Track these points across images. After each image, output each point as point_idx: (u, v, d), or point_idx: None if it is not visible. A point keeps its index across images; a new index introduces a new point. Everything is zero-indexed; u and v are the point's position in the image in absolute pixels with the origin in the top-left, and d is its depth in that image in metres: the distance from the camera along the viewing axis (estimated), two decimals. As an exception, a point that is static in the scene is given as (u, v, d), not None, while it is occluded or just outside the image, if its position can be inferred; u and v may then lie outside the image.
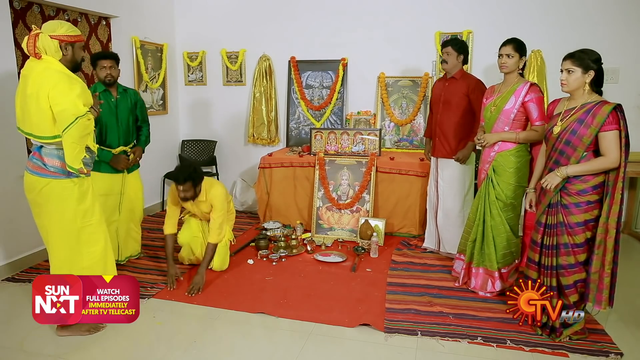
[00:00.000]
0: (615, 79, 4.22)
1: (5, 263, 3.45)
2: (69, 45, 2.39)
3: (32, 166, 2.45)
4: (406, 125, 4.83)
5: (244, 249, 3.97)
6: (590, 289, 2.47)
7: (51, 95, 2.29)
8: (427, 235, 3.93)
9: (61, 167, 2.43)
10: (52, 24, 2.37)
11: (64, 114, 2.29)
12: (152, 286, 3.23)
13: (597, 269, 2.44)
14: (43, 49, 2.32)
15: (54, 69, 2.34)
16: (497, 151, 3.00)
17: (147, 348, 2.60)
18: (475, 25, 4.56)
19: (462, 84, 3.47)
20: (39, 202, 2.48)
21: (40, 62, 2.34)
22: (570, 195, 2.46)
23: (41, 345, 2.58)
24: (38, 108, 2.31)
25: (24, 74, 2.38)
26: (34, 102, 2.31)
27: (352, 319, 2.80)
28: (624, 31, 4.24)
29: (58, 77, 2.32)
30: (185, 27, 5.39)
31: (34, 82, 2.31)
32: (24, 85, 2.36)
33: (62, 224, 2.48)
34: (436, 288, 3.21)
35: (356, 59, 4.96)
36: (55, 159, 2.42)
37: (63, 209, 2.47)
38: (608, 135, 2.34)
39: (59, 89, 2.29)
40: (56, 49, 2.34)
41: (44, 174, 2.43)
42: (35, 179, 2.44)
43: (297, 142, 5.14)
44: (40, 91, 2.29)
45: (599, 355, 2.43)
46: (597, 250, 2.42)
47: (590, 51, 2.42)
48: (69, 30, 2.38)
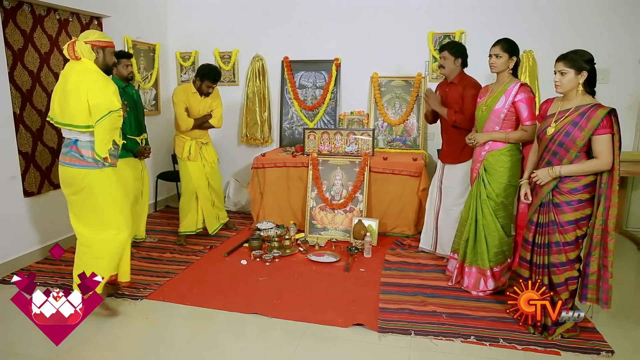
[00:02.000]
0: (606, 79, 4.25)
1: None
2: (99, 49, 2.75)
3: (70, 159, 2.74)
4: (399, 125, 4.84)
5: (237, 250, 3.97)
6: (589, 289, 2.49)
7: (90, 90, 2.63)
8: (424, 236, 3.89)
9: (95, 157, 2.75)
10: (86, 33, 2.78)
11: (99, 107, 2.63)
12: (144, 287, 3.22)
13: (594, 269, 2.46)
14: (80, 52, 2.70)
15: (92, 69, 2.71)
16: (487, 150, 3.02)
17: (140, 349, 2.59)
18: (467, 26, 4.58)
19: (460, 89, 3.39)
20: (81, 192, 2.76)
21: (79, 63, 2.72)
22: (562, 194, 2.48)
23: (32, 348, 2.56)
24: (77, 101, 2.64)
25: (64, 73, 2.72)
26: (74, 96, 2.64)
27: (346, 319, 2.80)
28: (615, 31, 4.27)
29: (95, 76, 2.69)
30: (178, 27, 5.37)
31: (74, 79, 2.66)
32: (64, 83, 2.69)
33: (107, 206, 2.80)
34: (430, 288, 3.22)
35: (349, 59, 4.97)
36: (90, 150, 2.72)
37: (107, 192, 2.79)
38: (601, 139, 2.36)
39: (96, 86, 2.66)
40: (89, 51, 2.71)
41: (82, 165, 2.72)
42: (75, 171, 2.73)
43: (290, 142, 5.14)
44: (81, 87, 2.63)
45: (591, 353, 2.45)
46: (594, 251, 2.45)
47: (582, 52, 2.43)
48: (100, 37, 2.77)
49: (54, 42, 3.84)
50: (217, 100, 4.11)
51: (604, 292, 2.46)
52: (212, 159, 4.20)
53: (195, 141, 4.04)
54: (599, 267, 2.46)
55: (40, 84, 3.71)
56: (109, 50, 2.80)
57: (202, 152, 4.10)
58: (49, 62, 3.79)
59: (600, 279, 2.46)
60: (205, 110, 4.07)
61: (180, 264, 3.65)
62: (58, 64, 3.87)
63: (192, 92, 3.97)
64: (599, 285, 2.47)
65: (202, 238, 4.22)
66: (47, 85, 3.77)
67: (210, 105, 4.08)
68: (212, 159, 4.19)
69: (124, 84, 3.64)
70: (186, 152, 4.01)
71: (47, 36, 3.77)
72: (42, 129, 3.73)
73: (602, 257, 2.44)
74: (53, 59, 3.83)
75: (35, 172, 3.68)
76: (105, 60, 2.78)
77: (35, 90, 3.67)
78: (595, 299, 2.49)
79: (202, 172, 4.10)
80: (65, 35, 3.94)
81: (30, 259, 3.64)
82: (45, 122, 3.73)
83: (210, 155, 4.18)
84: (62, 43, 3.91)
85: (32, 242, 3.70)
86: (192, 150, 4.01)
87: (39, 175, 3.70)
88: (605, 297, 2.47)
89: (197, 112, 4.02)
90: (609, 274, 2.44)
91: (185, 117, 3.94)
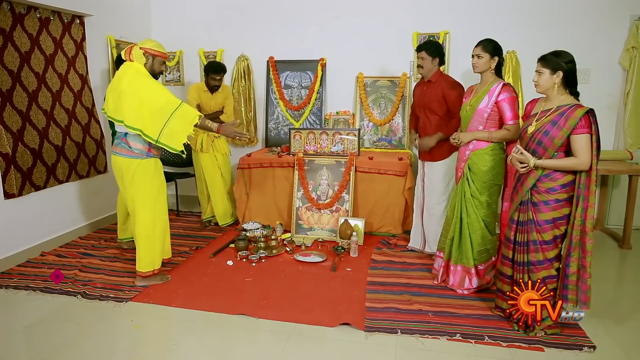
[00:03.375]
0: (586, 80, 4.32)
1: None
2: (150, 56, 3.11)
3: (120, 150, 3.13)
4: (385, 125, 4.86)
5: (223, 250, 3.95)
6: (569, 290, 2.52)
7: (146, 97, 2.97)
8: (413, 235, 3.93)
9: (142, 149, 3.11)
10: (144, 40, 3.15)
11: (164, 109, 2.98)
12: (129, 289, 3.18)
13: (574, 270, 2.50)
14: (134, 56, 3.07)
15: (143, 74, 3.05)
16: (471, 150, 3.05)
17: (125, 352, 2.56)
18: (452, 26, 4.62)
19: (438, 88, 3.46)
20: (126, 179, 3.14)
21: (131, 66, 3.06)
22: (540, 193, 2.52)
23: (15, 353, 2.51)
24: (130, 104, 2.96)
25: (119, 75, 3.06)
26: (128, 98, 2.96)
27: (333, 318, 2.81)
28: (595, 33, 4.36)
29: (149, 82, 3.03)
30: (162, 27, 5.31)
31: (129, 82, 2.98)
32: (118, 83, 3.02)
33: (144, 195, 3.15)
34: (416, 286, 3.25)
35: (335, 59, 4.97)
36: (137, 143, 3.09)
37: (144, 182, 3.15)
38: (579, 139, 2.40)
39: (151, 89, 3.01)
40: (140, 55, 3.07)
41: (130, 155, 3.11)
42: (123, 160, 3.12)
43: (276, 142, 5.12)
44: (137, 92, 2.96)
45: (573, 349, 2.50)
46: (573, 252, 2.48)
47: (562, 53, 2.48)
48: (154, 46, 3.12)
49: (35, 41, 3.78)
50: (229, 98, 4.50)
51: (582, 293, 2.49)
52: (224, 150, 4.53)
53: (207, 134, 4.35)
54: (578, 268, 2.50)
55: (20, 84, 3.64)
56: (159, 60, 3.15)
57: (214, 145, 4.43)
58: (29, 61, 3.73)
59: (579, 280, 2.50)
60: (217, 107, 4.43)
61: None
62: (39, 64, 3.81)
63: (203, 90, 4.39)
64: (578, 286, 2.50)
65: (187, 239, 4.21)
66: (28, 85, 3.70)
67: (222, 102, 4.45)
68: (223, 151, 4.52)
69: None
70: (199, 145, 4.37)
71: (27, 35, 3.71)
72: (22, 130, 3.66)
73: (581, 257, 2.48)
74: (34, 59, 3.76)
75: (16, 174, 3.61)
76: (153, 67, 3.14)
77: (16, 90, 3.61)
78: (575, 300, 2.52)
79: (214, 163, 4.45)
80: (47, 34, 3.88)
81: (12, 262, 3.57)
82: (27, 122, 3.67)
83: (222, 148, 4.51)
84: (42, 42, 3.85)
85: (13, 245, 3.63)
86: (204, 143, 4.36)
87: (20, 177, 3.63)
88: (584, 298, 2.49)
89: (209, 108, 4.39)
90: (587, 274, 2.47)
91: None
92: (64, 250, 3.92)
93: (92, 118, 4.40)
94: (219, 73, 4.32)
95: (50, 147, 3.92)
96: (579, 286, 2.50)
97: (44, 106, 3.87)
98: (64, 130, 4.06)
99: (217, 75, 4.30)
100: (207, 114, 4.30)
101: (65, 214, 4.17)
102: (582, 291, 2.49)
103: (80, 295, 3.10)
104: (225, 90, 4.48)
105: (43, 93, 3.87)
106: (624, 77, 4.40)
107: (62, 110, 4.05)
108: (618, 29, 4.33)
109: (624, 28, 4.32)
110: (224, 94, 4.45)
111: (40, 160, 3.82)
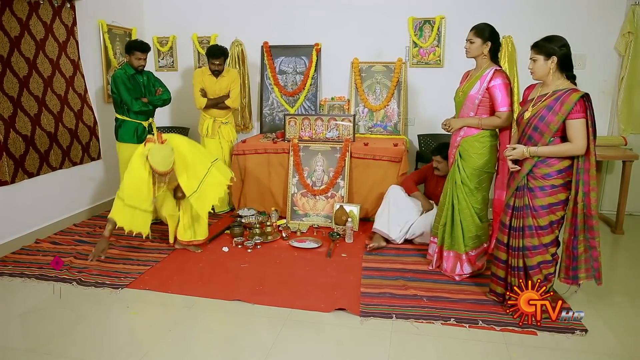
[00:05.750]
0: (582, 65, 4.32)
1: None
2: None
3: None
4: (380, 111, 4.85)
5: (219, 237, 3.95)
6: (579, 269, 2.56)
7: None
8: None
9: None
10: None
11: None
12: (125, 276, 3.18)
13: (582, 250, 2.54)
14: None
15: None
16: (462, 136, 3.04)
17: (121, 338, 2.57)
18: (448, 11, 4.58)
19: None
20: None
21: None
22: (536, 179, 2.53)
23: (11, 340, 2.51)
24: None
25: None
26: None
27: (328, 304, 2.83)
28: (591, 18, 4.34)
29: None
30: (155, 11, 5.24)
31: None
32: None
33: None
34: (410, 272, 3.27)
35: (330, 45, 4.93)
36: None
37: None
38: (574, 124, 2.40)
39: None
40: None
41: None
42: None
43: (271, 128, 5.10)
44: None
45: (565, 332, 2.53)
46: (579, 235, 2.52)
47: (555, 37, 2.47)
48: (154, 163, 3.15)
49: (24, 26, 3.71)
50: (235, 82, 4.46)
51: (596, 271, 2.55)
52: (230, 137, 4.58)
53: (214, 120, 4.43)
54: (585, 249, 2.54)
55: (11, 70, 3.59)
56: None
57: (220, 131, 4.49)
58: (19, 46, 3.67)
59: (591, 259, 2.54)
60: (222, 92, 4.43)
61: (161, 252, 3.62)
62: (29, 49, 3.75)
63: (207, 74, 4.40)
64: (591, 264, 2.55)
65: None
66: (18, 71, 3.65)
67: (227, 86, 4.43)
68: (230, 138, 4.57)
69: (133, 71, 4.03)
70: (205, 130, 4.46)
71: (16, 19, 3.64)
72: (14, 116, 3.62)
73: (589, 238, 2.52)
74: (24, 43, 3.70)
75: (9, 161, 3.57)
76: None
77: (6, 76, 3.55)
78: (587, 277, 2.57)
79: (219, 151, 4.48)
80: (37, 19, 3.81)
81: (6, 249, 3.56)
82: (18, 108, 3.63)
83: (229, 134, 4.56)
84: (32, 27, 3.78)
85: (7, 233, 3.61)
86: (210, 128, 4.43)
87: (12, 164, 3.60)
88: (598, 275, 2.56)
89: (213, 92, 4.41)
90: (597, 252, 2.52)
91: (199, 96, 4.39)
92: (58, 238, 3.91)
93: (85, 104, 4.36)
94: (218, 57, 4.29)
95: (42, 133, 3.88)
96: (591, 264, 2.55)
97: (35, 92, 3.82)
98: (56, 116, 4.02)
99: (215, 59, 4.28)
100: (211, 98, 4.36)
101: (60, 201, 4.15)
102: (595, 269, 2.55)
103: (75, 282, 3.10)
104: (232, 75, 4.46)
105: (34, 79, 3.81)
106: (620, 63, 4.39)
107: (54, 96, 4.00)
108: (614, 14, 4.32)
109: (621, 13, 4.30)
110: (229, 78, 4.43)
111: (32, 147, 3.79)
